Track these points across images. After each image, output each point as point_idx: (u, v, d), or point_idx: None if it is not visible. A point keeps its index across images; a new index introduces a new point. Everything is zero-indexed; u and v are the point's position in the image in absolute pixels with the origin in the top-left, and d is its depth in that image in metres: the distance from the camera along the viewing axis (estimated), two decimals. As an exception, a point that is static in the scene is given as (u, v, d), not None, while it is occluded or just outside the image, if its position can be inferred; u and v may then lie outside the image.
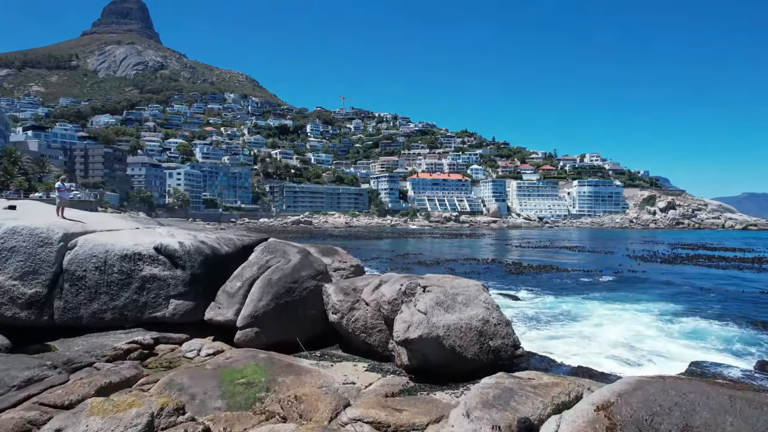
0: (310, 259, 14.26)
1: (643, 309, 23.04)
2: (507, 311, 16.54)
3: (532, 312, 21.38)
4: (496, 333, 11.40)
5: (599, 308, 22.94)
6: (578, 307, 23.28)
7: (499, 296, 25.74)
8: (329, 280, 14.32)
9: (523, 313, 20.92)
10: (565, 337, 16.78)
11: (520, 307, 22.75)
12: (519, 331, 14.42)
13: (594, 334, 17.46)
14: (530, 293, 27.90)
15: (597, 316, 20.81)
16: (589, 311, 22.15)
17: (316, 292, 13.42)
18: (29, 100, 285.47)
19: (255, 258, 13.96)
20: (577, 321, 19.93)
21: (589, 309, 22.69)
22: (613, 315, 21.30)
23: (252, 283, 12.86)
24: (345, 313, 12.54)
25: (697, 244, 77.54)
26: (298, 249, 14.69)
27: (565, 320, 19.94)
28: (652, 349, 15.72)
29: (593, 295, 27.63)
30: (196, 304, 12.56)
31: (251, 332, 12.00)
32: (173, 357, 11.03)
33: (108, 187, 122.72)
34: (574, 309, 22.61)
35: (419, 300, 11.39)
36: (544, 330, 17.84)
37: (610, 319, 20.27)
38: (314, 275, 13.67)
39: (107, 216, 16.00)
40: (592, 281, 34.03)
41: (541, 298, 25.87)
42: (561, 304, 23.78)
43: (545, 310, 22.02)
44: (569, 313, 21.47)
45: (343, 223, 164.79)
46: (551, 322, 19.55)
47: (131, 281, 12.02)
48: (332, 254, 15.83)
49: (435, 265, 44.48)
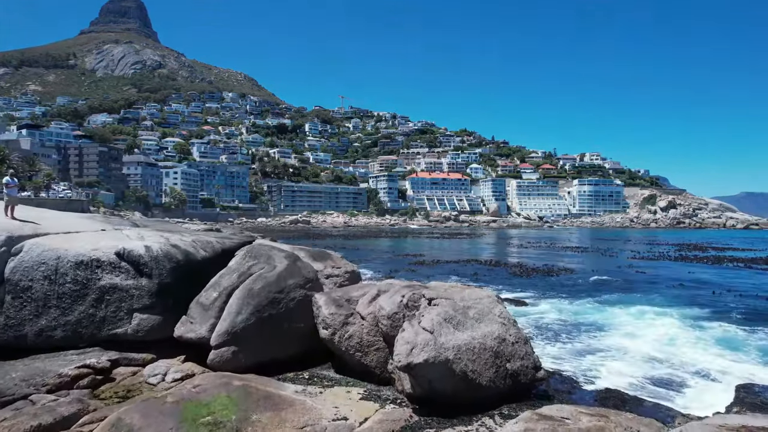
0: (299, 265, 12.54)
1: (664, 313, 21.44)
2: (518, 320, 14.82)
3: (545, 320, 19.65)
4: (514, 353, 9.71)
5: (617, 314, 21.26)
6: (594, 313, 21.59)
7: (507, 302, 24.11)
8: (320, 288, 12.61)
9: (535, 322, 19.21)
10: (588, 351, 15.03)
11: (530, 314, 21.05)
12: (534, 345, 12.74)
13: (618, 346, 15.74)
14: (539, 298, 26.21)
15: (617, 324, 19.11)
16: (608, 318, 20.44)
17: (305, 303, 11.72)
18: (26, 99, 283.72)
19: (235, 264, 12.24)
20: (596, 330, 18.21)
21: (607, 315, 20.99)
22: (634, 322, 19.65)
23: (230, 293, 11.15)
24: (337, 329, 10.82)
25: (703, 244, 75.89)
26: (286, 253, 12.97)
27: (583, 329, 18.21)
28: (688, 362, 14.03)
29: (605, 298, 26.03)
30: (165, 318, 10.83)
31: (227, 352, 10.28)
32: (133, 383, 9.29)
33: (103, 186, 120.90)
34: (591, 315, 20.92)
35: (424, 315, 9.69)
36: (562, 342, 16.09)
37: (633, 327, 18.61)
38: (303, 284, 11.97)
39: (70, 216, 14.25)
40: (601, 283, 32.36)
41: (552, 304, 24.17)
42: (575, 310, 22.09)
43: (559, 318, 20.30)
44: (586, 321, 19.75)
45: (342, 223, 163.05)
46: (568, 332, 17.81)
47: (87, 292, 10.28)
48: (324, 259, 14.11)
49: (436, 265, 42.94)
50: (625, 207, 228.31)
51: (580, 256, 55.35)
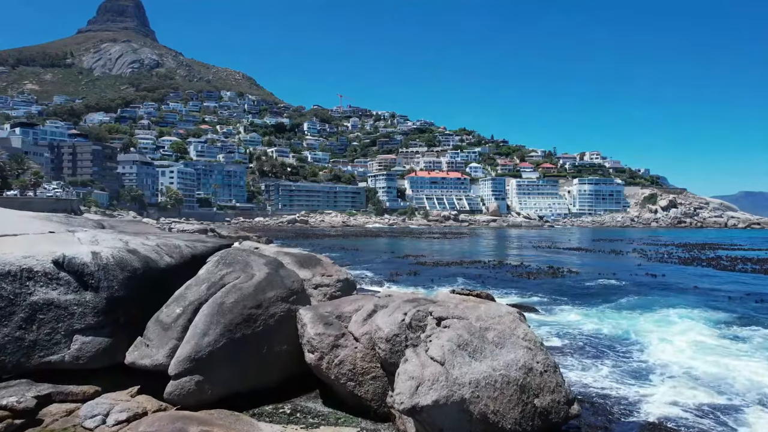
0: (282, 273, 10.61)
1: (691, 320, 19.63)
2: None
3: (562, 333, 17.72)
4: (543, 386, 7.81)
5: (640, 322, 19.38)
6: (615, 321, 19.68)
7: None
8: (307, 301, 10.69)
9: (549, 334, 17.29)
10: (621, 371, 13.06)
11: (544, 324, 19.13)
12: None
13: (654, 362, 13.83)
14: (550, 304, 24.33)
15: (644, 334, 17.20)
16: (632, 327, 18.51)
17: (289, 319, 9.81)
18: (23, 98, 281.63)
19: (205, 273, 10.30)
20: (623, 342, 16.27)
21: (630, 324, 19.06)
22: (661, 330, 17.77)
23: (197, 308, 9.24)
24: (325, 353, 8.90)
25: (710, 244, 74.07)
26: (266, 260, 11.03)
27: (607, 343, 16.27)
28: (742, 380, 12.14)
29: (622, 303, 24.20)
30: (115, 341, 8.88)
31: (190, 383, 8.37)
32: (65, 427, 7.37)
33: (97, 185, 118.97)
34: (612, 325, 19.00)
35: (432, 340, 7.78)
36: (587, 361, 14.12)
37: (663, 337, 16.71)
38: (286, 296, 10.05)
39: (14, 215, 12.30)
40: (612, 287, 30.48)
41: (566, 311, 22.29)
42: (593, 320, 20.18)
43: (578, 329, 18.38)
44: (609, 332, 17.82)
45: (340, 223, 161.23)
46: (592, 345, 15.86)
47: (14, 311, 8.33)
48: (313, 265, 12.16)
49: (438, 267, 41.17)
50: (626, 206, 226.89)
51: (584, 257, 53.59)
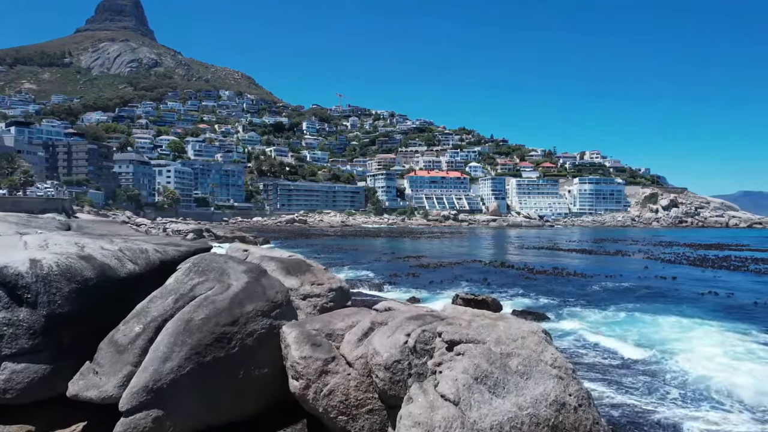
0: (264, 283, 9.10)
1: (716, 329, 18.10)
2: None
3: (578, 343, 16.23)
4: (578, 425, 6.31)
5: (662, 329, 17.92)
6: (633, 329, 18.17)
7: (525, 316, 20.78)
8: (293, 315, 9.18)
9: (568, 347, 15.77)
10: (655, 394, 11.52)
11: (556, 333, 17.63)
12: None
13: (690, 375, 12.37)
14: (558, 307, 22.88)
15: (668, 341, 15.79)
16: (653, 333, 17.11)
17: (271, 337, 8.33)
18: (20, 97, 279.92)
19: (174, 283, 8.81)
20: (646, 350, 14.84)
21: (651, 330, 17.64)
22: (689, 339, 16.29)
23: (161, 326, 7.76)
24: (312, 380, 7.41)
25: (717, 244, 72.59)
26: (246, 267, 9.51)
27: (630, 354, 14.80)
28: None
29: (635, 307, 22.73)
30: (56, 368, 7.35)
31: (146, 420, 6.86)
32: (-19, 482, 5.93)
33: (93, 184, 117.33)
34: (630, 333, 17.50)
35: (443, 372, 6.28)
36: (612, 379, 12.60)
37: (693, 344, 15.26)
38: (268, 310, 8.55)
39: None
40: (622, 290, 29.02)
41: (577, 317, 20.80)
42: (609, 327, 18.67)
43: (594, 339, 16.89)
44: (630, 341, 16.34)
45: (339, 222, 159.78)
46: (613, 357, 14.41)
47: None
48: (301, 272, 10.65)
49: (439, 268, 39.74)
50: (626, 206, 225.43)
51: (588, 258, 52.15)
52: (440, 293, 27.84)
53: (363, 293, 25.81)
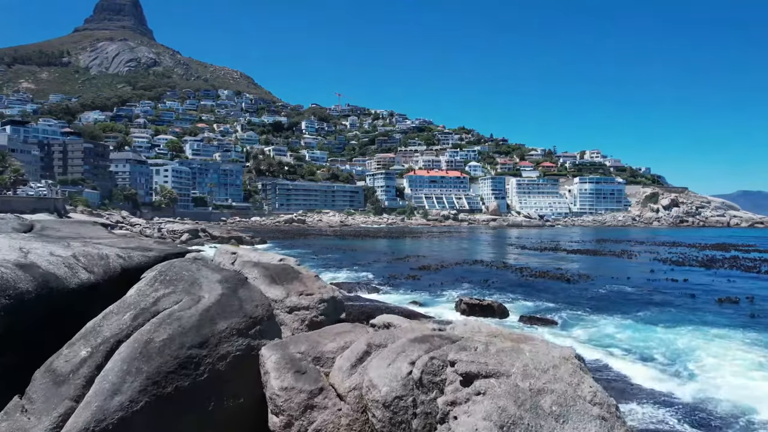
0: (241, 294, 7.74)
1: (747, 341, 16.68)
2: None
3: (592, 357, 14.84)
4: (628, 481, 4.98)
5: (682, 338, 16.46)
6: (646, 335, 16.83)
7: (531, 324, 19.49)
8: (276, 332, 7.82)
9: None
10: (694, 414, 10.17)
11: (566, 343, 16.27)
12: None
13: (727, 396, 11.01)
14: (565, 312, 21.54)
15: (691, 351, 14.39)
16: (672, 342, 15.71)
17: (248, 360, 6.99)
18: (18, 96, 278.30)
19: (135, 295, 7.45)
20: (669, 364, 13.47)
21: (669, 339, 16.23)
22: (715, 350, 14.88)
23: (113, 349, 6.43)
24: (295, 416, 6.06)
25: (723, 244, 71.18)
26: (222, 276, 8.14)
27: (650, 364, 13.49)
28: None
29: (647, 314, 21.31)
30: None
31: (85, 471, 5.53)
32: None
33: (88, 184, 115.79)
34: (646, 340, 16.16)
35: (460, 418, 4.94)
36: (640, 405, 11.21)
37: (721, 358, 13.85)
38: (245, 327, 7.20)
39: None
40: (632, 294, 27.64)
41: (588, 323, 19.45)
42: (623, 336, 17.27)
43: (605, 348, 15.54)
44: (647, 350, 15.00)
45: (338, 222, 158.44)
46: (635, 373, 13.05)
47: None
48: (288, 280, 9.27)
49: (440, 270, 38.42)
50: (627, 205, 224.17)
51: (592, 259, 50.82)
52: (441, 296, 26.60)
53: (361, 297, 24.47)
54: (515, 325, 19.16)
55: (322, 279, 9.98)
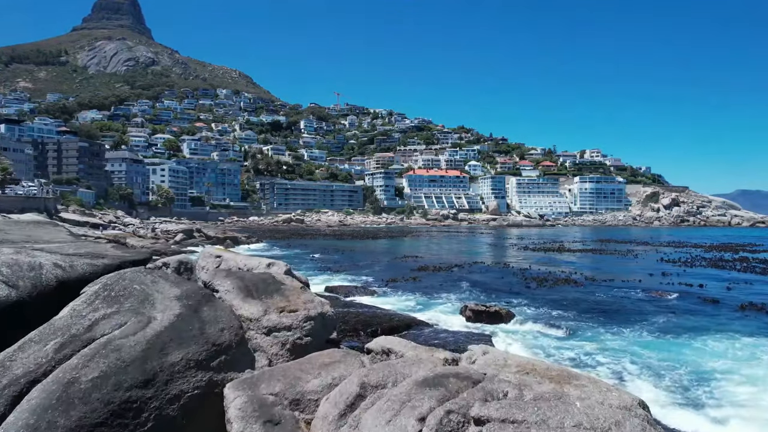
0: (204, 314, 6.17)
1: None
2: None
3: (607, 372, 13.26)
4: None
5: (714, 355, 14.88)
6: (671, 352, 15.23)
7: (539, 335, 17.92)
8: (248, 362, 6.25)
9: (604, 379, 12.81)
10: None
11: (583, 365, 14.73)
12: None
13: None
14: (576, 321, 19.93)
15: (727, 373, 12.80)
16: (700, 360, 14.09)
17: (210, 400, 5.44)
18: (15, 95, 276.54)
19: (66, 317, 5.88)
20: (706, 391, 11.87)
21: (695, 355, 14.62)
22: (754, 370, 13.29)
23: (23, 392, 4.88)
24: (263, 486, 4.50)
25: (729, 244, 69.69)
26: (182, 290, 6.54)
27: (682, 387, 11.87)
28: None
29: (663, 322, 19.57)
30: None
31: None
32: None
33: (83, 183, 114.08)
34: (672, 357, 14.58)
35: None
36: None
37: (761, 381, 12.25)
38: (205, 358, 5.63)
39: None
40: (646, 300, 25.88)
41: (603, 336, 17.85)
42: (644, 349, 15.69)
43: (628, 365, 13.97)
44: (675, 369, 13.42)
45: (337, 222, 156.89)
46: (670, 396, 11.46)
47: None
48: (267, 294, 7.68)
49: (440, 272, 36.82)
50: (627, 205, 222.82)
51: (597, 261, 49.08)
52: (442, 299, 25.06)
53: (358, 302, 22.91)
54: (523, 330, 17.61)
55: (310, 290, 8.38)
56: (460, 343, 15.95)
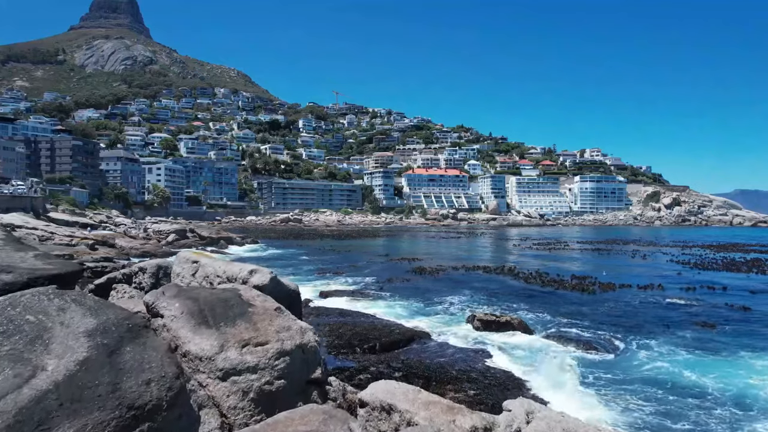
0: (123, 359, 4.27)
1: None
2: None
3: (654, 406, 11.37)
4: None
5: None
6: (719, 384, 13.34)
7: (575, 358, 16.01)
8: (190, 425, 4.38)
9: (644, 417, 10.94)
10: None
11: (615, 381, 12.86)
12: None
13: None
14: (593, 331, 18.05)
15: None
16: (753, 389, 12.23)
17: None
18: (12, 94, 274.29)
19: None
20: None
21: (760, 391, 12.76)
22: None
23: None
24: None
25: (736, 244, 67.91)
26: (100, 322, 4.61)
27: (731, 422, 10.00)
28: None
29: (692, 336, 17.69)
30: None
31: None
32: None
33: (77, 182, 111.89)
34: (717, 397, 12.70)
35: None
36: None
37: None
38: (125, 428, 3.78)
39: None
40: (666, 306, 23.96)
41: (631, 354, 15.94)
42: (685, 370, 13.82)
43: (671, 397, 12.08)
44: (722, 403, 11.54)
45: (335, 221, 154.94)
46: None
47: None
48: (228, 320, 5.73)
49: (439, 274, 35.12)
50: (628, 204, 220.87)
51: (604, 262, 47.09)
52: (445, 304, 23.37)
53: (354, 311, 21.07)
54: (551, 349, 15.68)
55: (287, 313, 6.44)
56: (470, 361, 14.07)
